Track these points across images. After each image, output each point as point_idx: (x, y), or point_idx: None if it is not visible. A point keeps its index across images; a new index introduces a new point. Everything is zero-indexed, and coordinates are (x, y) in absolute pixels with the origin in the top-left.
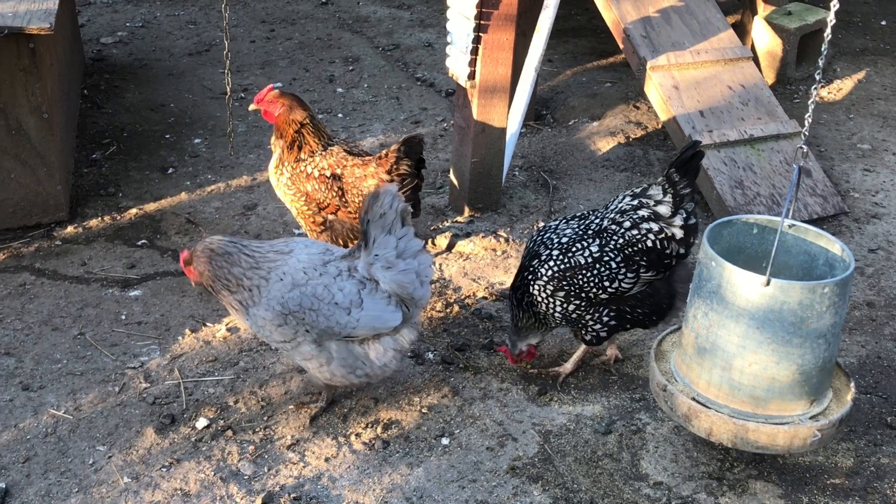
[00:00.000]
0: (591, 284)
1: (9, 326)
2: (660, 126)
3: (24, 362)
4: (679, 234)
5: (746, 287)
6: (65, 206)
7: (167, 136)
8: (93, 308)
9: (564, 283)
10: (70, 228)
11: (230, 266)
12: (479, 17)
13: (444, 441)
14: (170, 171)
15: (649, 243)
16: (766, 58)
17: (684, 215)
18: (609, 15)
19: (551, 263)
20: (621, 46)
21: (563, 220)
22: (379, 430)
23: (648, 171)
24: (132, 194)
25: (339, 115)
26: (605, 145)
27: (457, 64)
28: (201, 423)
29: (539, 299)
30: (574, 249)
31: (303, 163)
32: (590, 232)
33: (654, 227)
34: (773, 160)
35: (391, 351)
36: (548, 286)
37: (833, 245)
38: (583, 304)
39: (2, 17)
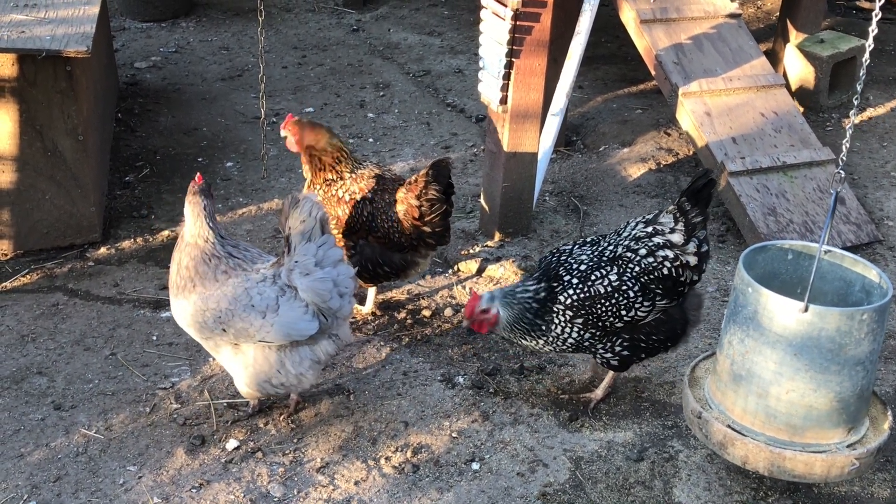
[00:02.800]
0: (609, 314)
1: (42, 346)
2: (691, 153)
3: (56, 382)
4: (693, 261)
5: (783, 313)
6: (98, 227)
7: (199, 160)
8: (125, 328)
9: (583, 311)
10: (103, 249)
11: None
12: (511, 42)
13: (475, 466)
14: None
15: (665, 271)
16: (799, 85)
17: (697, 242)
18: (641, 42)
19: (571, 291)
20: (653, 73)
21: (576, 245)
22: (409, 453)
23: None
24: (164, 216)
25: (370, 140)
26: (635, 171)
27: (489, 89)
28: (231, 444)
29: (556, 322)
30: (593, 278)
31: (333, 186)
32: (605, 259)
33: (670, 254)
34: (806, 187)
35: (307, 361)
36: (567, 312)
37: (870, 271)
38: (598, 333)
39: (39, 40)
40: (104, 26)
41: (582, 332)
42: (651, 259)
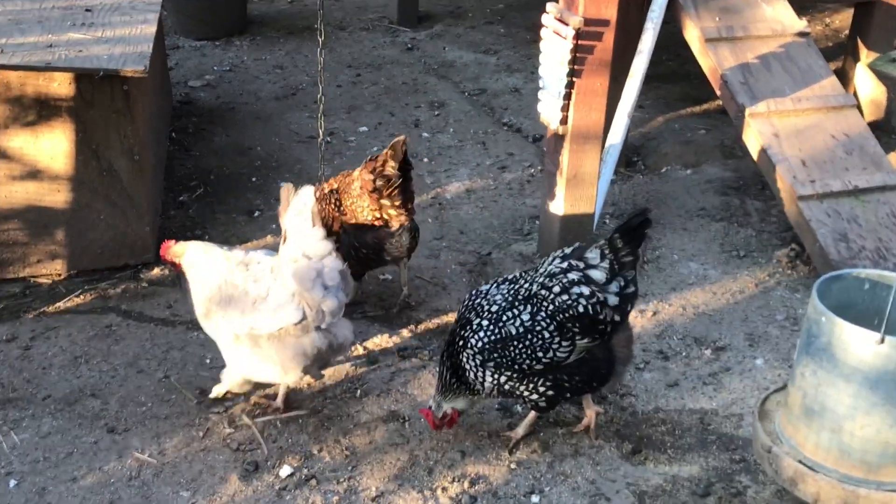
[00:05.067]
0: (524, 356)
1: (95, 368)
2: (758, 175)
3: (109, 404)
4: (613, 300)
5: (859, 344)
6: (152, 247)
7: (253, 179)
8: (178, 351)
9: (495, 354)
10: (156, 270)
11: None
12: (572, 62)
13: (535, 499)
14: (256, 213)
15: (581, 309)
16: (869, 106)
17: (622, 283)
18: (706, 61)
19: (481, 334)
20: (718, 93)
21: (494, 284)
22: (466, 484)
23: (746, 221)
24: (218, 237)
25: (425, 160)
26: (699, 194)
27: (548, 109)
28: (285, 471)
29: (468, 368)
30: (504, 318)
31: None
32: (520, 298)
33: (585, 291)
34: (879, 212)
35: (290, 351)
36: (476, 357)
37: None
38: (515, 375)
39: (97, 59)
40: (160, 45)
41: (496, 377)
42: (565, 296)
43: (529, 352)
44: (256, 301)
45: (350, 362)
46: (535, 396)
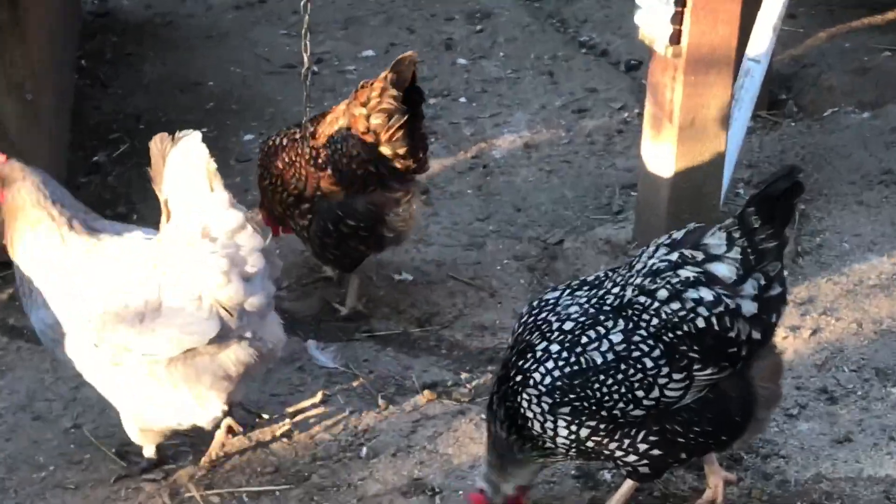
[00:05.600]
0: (616, 396)
1: None
2: None
3: None
4: (749, 308)
5: None
6: None
7: (204, 130)
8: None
9: (572, 395)
10: None
11: None
12: None
13: None
14: None
15: (700, 323)
16: None
17: (761, 282)
18: None
19: (550, 365)
20: None
21: (568, 290)
22: None
23: None
24: (152, 216)
25: (462, 100)
26: (882, 150)
27: (652, 20)
28: None
29: (531, 416)
30: (584, 341)
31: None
32: (606, 309)
33: (707, 295)
34: None
35: (207, 377)
36: (544, 399)
37: None
38: (603, 425)
39: None
40: None
41: (575, 429)
42: (676, 305)
43: (624, 390)
44: (144, 314)
45: (348, 407)
46: (632, 458)
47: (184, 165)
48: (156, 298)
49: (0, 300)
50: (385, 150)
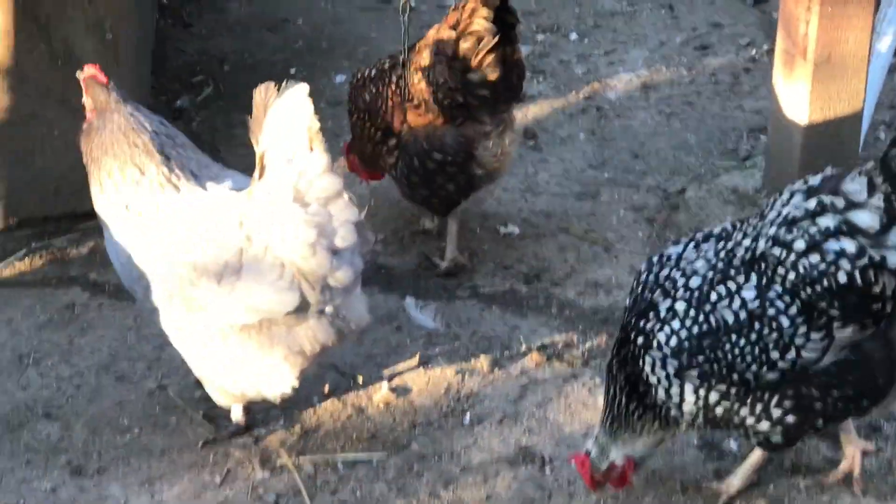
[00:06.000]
0: (750, 358)
1: (50, 373)
2: None
3: (73, 431)
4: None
5: None
6: None
7: (292, 71)
8: None
9: (701, 357)
10: None
11: None
12: None
13: None
14: None
15: (842, 277)
16: None
17: None
18: None
19: (676, 325)
20: None
21: (692, 243)
22: None
23: None
24: (238, 163)
25: (573, 36)
26: None
27: None
28: None
29: (655, 381)
30: (713, 298)
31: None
32: (737, 262)
33: (849, 246)
34: None
35: (281, 349)
36: (670, 362)
37: None
38: (734, 390)
39: None
40: None
41: (703, 394)
42: (815, 257)
43: (757, 351)
44: (222, 274)
45: (449, 370)
46: (764, 425)
47: (285, 119)
48: (236, 260)
49: (80, 253)
50: (474, 76)
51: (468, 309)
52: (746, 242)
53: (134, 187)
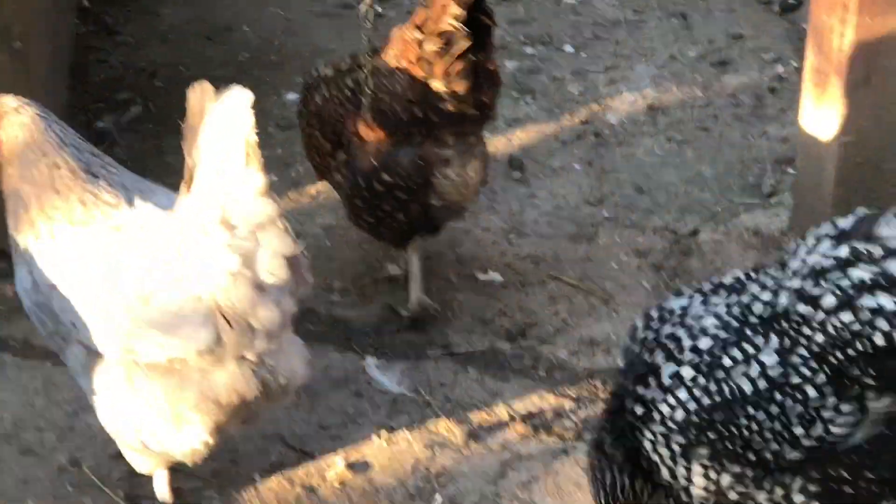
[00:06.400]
0: (769, 434)
1: None
2: None
3: None
4: None
5: None
6: None
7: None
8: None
9: (712, 434)
10: None
11: None
12: None
13: None
14: None
15: (879, 339)
16: None
17: None
18: None
19: (683, 394)
20: None
21: (698, 296)
22: None
23: None
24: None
25: (568, 49)
26: None
27: None
28: None
29: (658, 459)
30: (727, 363)
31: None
32: (754, 321)
33: (889, 303)
34: None
35: (191, 395)
36: (675, 439)
37: None
38: (750, 472)
39: None
40: None
41: (715, 477)
42: (848, 316)
43: (779, 427)
44: (132, 303)
45: (417, 444)
46: None
47: (221, 128)
48: (148, 286)
49: None
50: (438, 85)
51: (440, 370)
52: (765, 297)
53: (56, 214)
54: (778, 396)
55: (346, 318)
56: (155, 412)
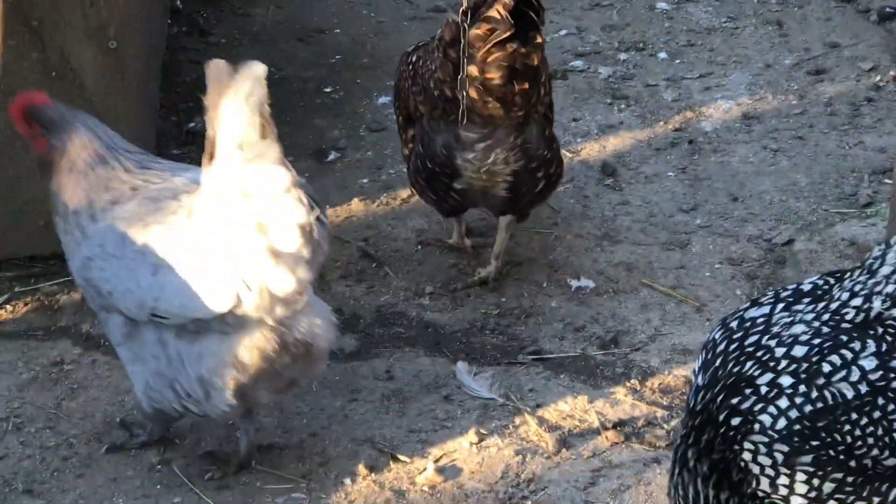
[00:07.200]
0: (871, 440)
1: (33, 441)
2: None
3: None
4: None
5: None
6: None
7: (327, 91)
8: None
9: (815, 441)
10: None
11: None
12: None
13: None
14: (332, 156)
15: None
16: None
17: None
18: None
19: (783, 403)
20: None
21: (779, 303)
22: None
23: None
24: None
25: (662, 56)
26: None
27: None
28: None
29: (757, 470)
30: (826, 369)
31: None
32: (846, 326)
33: None
34: None
35: (211, 358)
36: (778, 448)
37: None
38: (851, 478)
39: None
40: None
41: (817, 484)
42: None
43: (881, 432)
44: (158, 263)
45: (507, 449)
46: None
47: (237, 102)
48: (173, 251)
49: (72, 300)
50: (472, 69)
51: (531, 377)
52: (855, 302)
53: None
54: (881, 401)
55: (437, 323)
56: (184, 376)
